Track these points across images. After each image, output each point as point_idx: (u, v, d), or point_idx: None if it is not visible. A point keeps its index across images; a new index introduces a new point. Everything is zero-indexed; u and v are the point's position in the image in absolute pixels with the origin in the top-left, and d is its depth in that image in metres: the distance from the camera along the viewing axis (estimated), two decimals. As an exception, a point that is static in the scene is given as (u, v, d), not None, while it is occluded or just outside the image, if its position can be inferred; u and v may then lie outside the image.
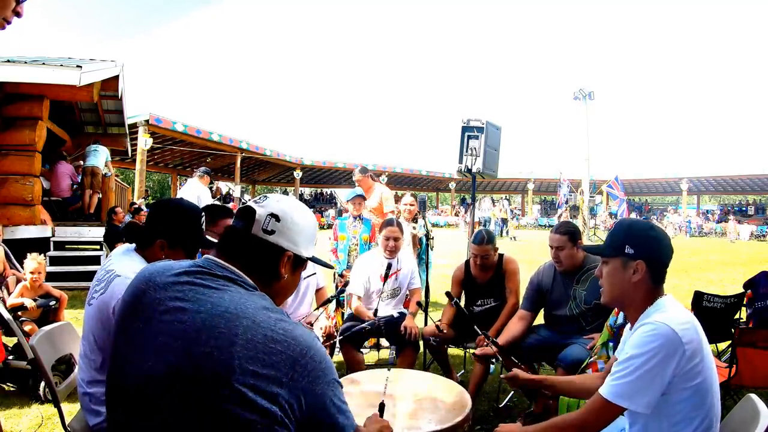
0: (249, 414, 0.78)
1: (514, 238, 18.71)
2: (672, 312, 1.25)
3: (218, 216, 2.34)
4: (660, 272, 1.34)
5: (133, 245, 1.67)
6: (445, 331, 2.73)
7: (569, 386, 1.64)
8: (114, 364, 0.93)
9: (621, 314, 2.05)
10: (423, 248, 4.10)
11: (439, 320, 2.94)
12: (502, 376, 1.75)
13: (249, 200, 1.07)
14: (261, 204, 1.00)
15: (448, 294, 2.69)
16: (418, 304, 3.09)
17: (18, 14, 0.97)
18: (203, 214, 1.71)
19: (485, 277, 3.01)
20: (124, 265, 1.56)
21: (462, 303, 3.11)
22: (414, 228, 4.14)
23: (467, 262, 3.13)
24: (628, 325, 1.47)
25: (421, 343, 2.99)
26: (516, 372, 1.71)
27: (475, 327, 2.20)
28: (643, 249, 1.33)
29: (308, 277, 3.00)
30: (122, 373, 0.89)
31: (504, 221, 21.13)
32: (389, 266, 2.98)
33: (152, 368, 0.83)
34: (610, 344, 2.07)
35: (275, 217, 0.98)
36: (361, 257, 3.43)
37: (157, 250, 1.61)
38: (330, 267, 1.46)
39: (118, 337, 0.93)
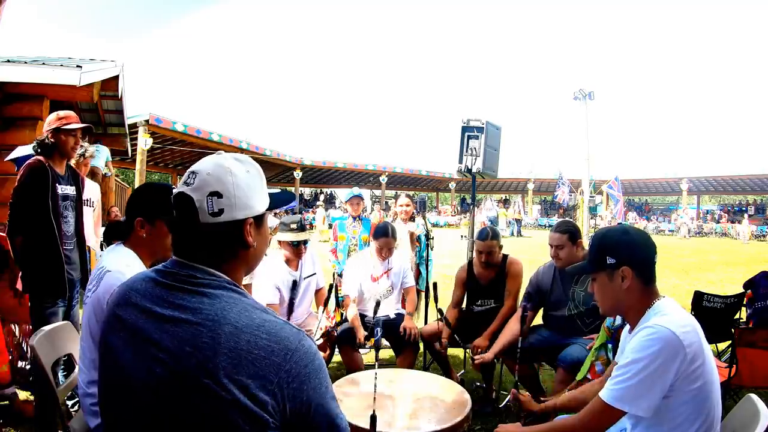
0: (242, 423, 0.76)
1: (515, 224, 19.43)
2: (672, 315, 1.25)
3: None
4: (647, 272, 1.33)
5: (119, 242, 1.68)
6: (445, 335, 2.80)
7: (574, 402, 1.64)
8: (103, 378, 0.91)
9: (618, 316, 2.05)
10: (422, 247, 4.10)
11: (439, 318, 2.97)
12: (506, 403, 1.79)
13: (177, 185, 0.94)
14: (194, 186, 0.87)
15: (440, 312, 2.74)
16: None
17: None
18: (174, 187, 1.71)
19: (488, 278, 3.01)
20: (113, 260, 1.57)
21: (464, 303, 3.12)
22: (412, 227, 4.13)
23: (470, 262, 3.13)
24: (627, 328, 1.47)
25: (420, 344, 2.99)
26: (524, 400, 1.73)
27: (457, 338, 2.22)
28: (623, 255, 1.33)
29: (309, 277, 3.00)
30: (112, 385, 0.88)
31: (518, 222, 21.29)
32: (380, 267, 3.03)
33: (141, 380, 0.81)
34: (609, 346, 2.07)
35: (216, 194, 0.87)
36: (351, 259, 3.44)
37: (138, 230, 1.62)
38: (293, 198, 1.37)
39: (104, 349, 0.90)
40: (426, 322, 3.29)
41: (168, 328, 0.82)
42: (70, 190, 2.52)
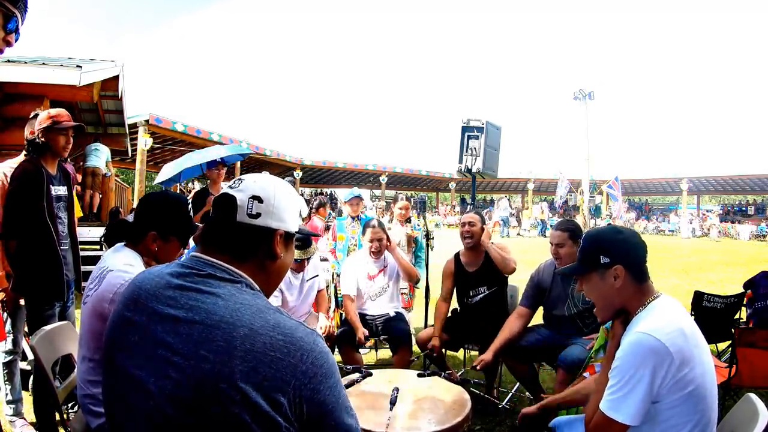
0: (256, 428, 0.76)
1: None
2: (659, 320, 1.24)
3: None
4: (639, 271, 1.34)
5: (122, 243, 1.67)
6: (438, 347, 2.83)
7: (571, 398, 1.69)
8: (109, 382, 0.89)
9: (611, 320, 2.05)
10: (419, 246, 4.12)
11: (432, 326, 2.97)
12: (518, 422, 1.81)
13: (224, 187, 1.01)
14: (239, 188, 0.95)
15: (425, 353, 2.78)
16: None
17: (8, 43, 0.94)
18: (189, 202, 1.70)
19: (476, 264, 3.03)
20: (115, 259, 1.57)
21: (454, 296, 3.14)
22: (409, 228, 4.15)
23: (456, 255, 3.16)
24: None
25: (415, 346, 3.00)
26: (524, 411, 1.76)
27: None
28: (616, 254, 1.34)
29: (311, 279, 3.01)
30: (120, 389, 0.86)
31: (543, 222, 21.30)
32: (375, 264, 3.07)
33: (156, 385, 0.80)
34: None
35: (257, 198, 0.94)
36: (348, 259, 3.45)
37: (150, 243, 1.61)
38: (317, 236, 1.46)
39: (112, 353, 0.89)
40: (426, 325, 3.29)
41: (182, 330, 0.81)
42: (63, 190, 2.50)
